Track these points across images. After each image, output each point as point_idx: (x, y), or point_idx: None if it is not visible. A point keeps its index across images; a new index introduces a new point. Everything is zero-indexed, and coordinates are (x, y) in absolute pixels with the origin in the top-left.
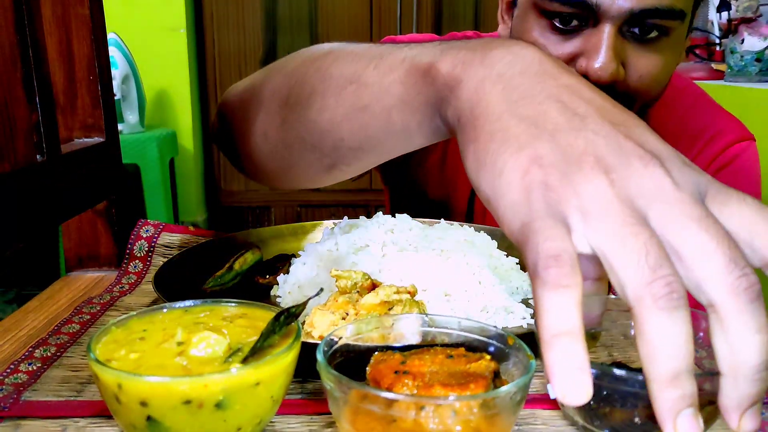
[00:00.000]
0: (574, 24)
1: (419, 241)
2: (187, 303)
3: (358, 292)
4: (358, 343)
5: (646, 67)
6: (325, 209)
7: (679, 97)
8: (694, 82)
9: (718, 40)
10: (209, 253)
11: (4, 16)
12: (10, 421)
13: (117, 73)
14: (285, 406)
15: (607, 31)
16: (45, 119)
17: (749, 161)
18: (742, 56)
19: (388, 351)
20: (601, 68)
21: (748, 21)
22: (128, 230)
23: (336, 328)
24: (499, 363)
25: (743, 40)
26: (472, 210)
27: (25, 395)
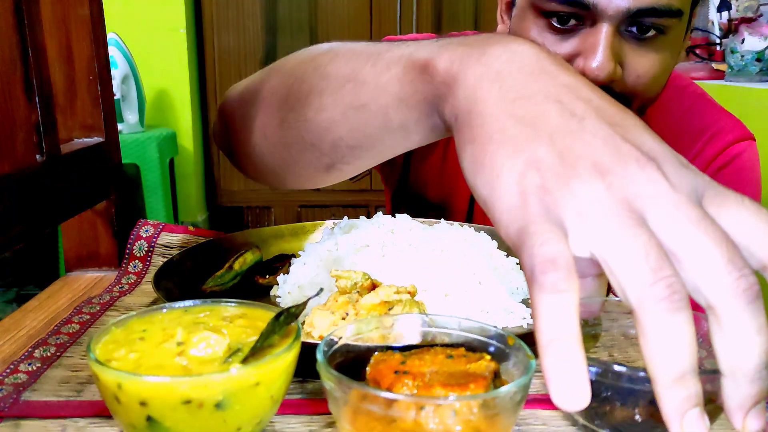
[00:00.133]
0: (571, 24)
1: (419, 242)
2: (186, 303)
3: (358, 292)
4: (358, 343)
5: (644, 67)
6: (325, 209)
7: (679, 97)
8: (695, 82)
9: (719, 40)
10: (209, 253)
11: (4, 17)
12: (10, 421)
13: (117, 73)
14: (285, 406)
15: (605, 30)
16: (45, 119)
17: (749, 161)
18: (743, 56)
19: (388, 351)
20: (599, 68)
21: (748, 21)
22: (128, 230)
23: (336, 328)
24: (500, 363)
25: (744, 40)
26: (473, 210)
27: (25, 395)
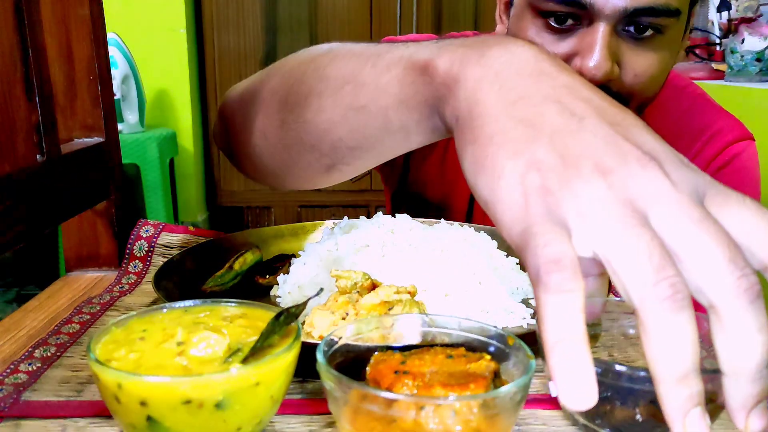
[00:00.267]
0: (569, 23)
1: (419, 242)
2: (187, 303)
3: (358, 292)
4: (358, 343)
5: (642, 66)
6: (325, 209)
7: (679, 97)
8: (694, 82)
9: (719, 40)
10: (209, 253)
11: (4, 17)
12: (10, 421)
13: (117, 73)
14: (285, 406)
15: (602, 30)
16: (45, 119)
17: (749, 161)
18: (743, 56)
19: (388, 351)
20: (596, 67)
21: (748, 21)
22: (128, 230)
23: (336, 328)
24: (500, 363)
25: (743, 40)
26: (472, 210)
27: (25, 395)
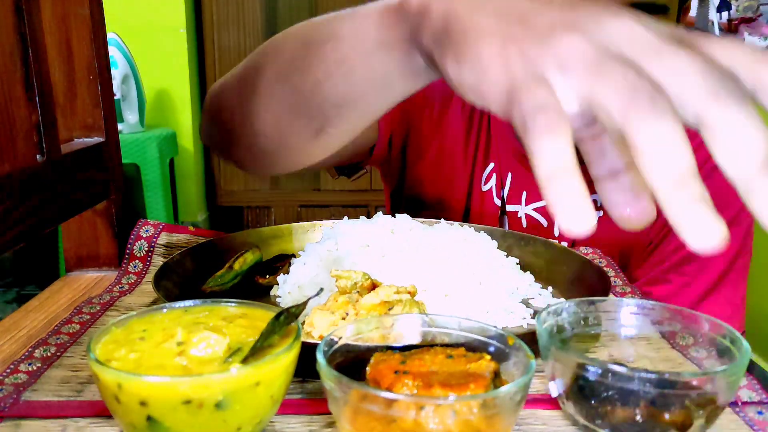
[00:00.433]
0: None
1: (419, 241)
2: (186, 303)
3: (358, 292)
4: (358, 343)
5: None
6: (325, 209)
7: None
8: None
9: None
10: (209, 253)
11: (4, 16)
12: (10, 421)
13: (117, 72)
14: (285, 406)
15: None
16: (45, 119)
17: None
18: None
19: (388, 351)
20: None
21: (748, 21)
22: (128, 230)
23: (336, 328)
24: (500, 363)
25: (744, 40)
26: (469, 211)
27: (25, 395)
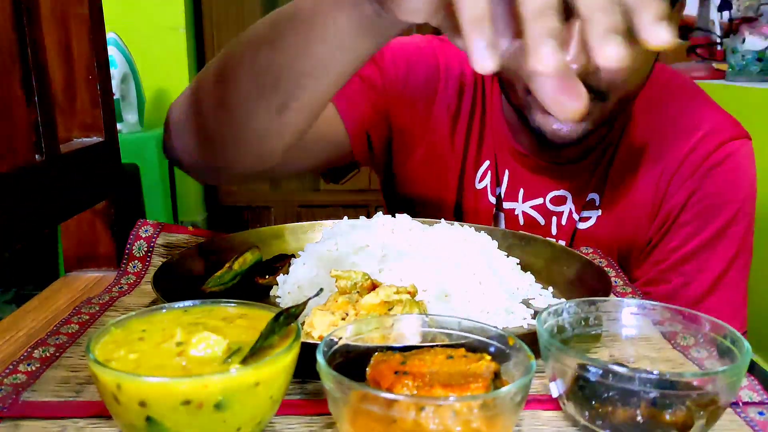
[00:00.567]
0: None
1: (419, 241)
2: (186, 303)
3: (358, 292)
4: (358, 344)
5: None
6: (325, 209)
7: (675, 95)
8: (695, 81)
9: (720, 40)
10: (209, 253)
11: (3, 16)
12: (9, 422)
13: (116, 72)
14: (285, 407)
15: (577, 24)
16: (44, 119)
17: (743, 160)
18: (744, 56)
19: (388, 351)
20: (572, 61)
21: (749, 20)
22: (127, 230)
23: (336, 329)
24: (500, 363)
25: (744, 40)
26: (461, 207)
27: (24, 396)
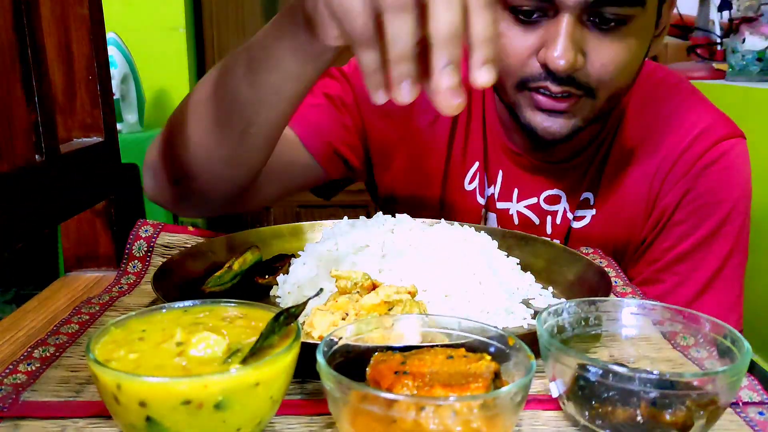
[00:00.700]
0: (536, 16)
1: (419, 242)
2: (186, 303)
3: (358, 292)
4: (358, 344)
5: (608, 56)
6: (325, 209)
7: (670, 94)
8: (694, 81)
9: (720, 40)
10: (209, 253)
11: (3, 16)
12: (9, 422)
13: (116, 72)
14: (285, 407)
15: (565, 20)
16: (44, 119)
17: (737, 159)
18: (744, 56)
19: (388, 351)
20: (559, 57)
21: (749, 20)
22: (127, 230)
23: (336, 329)
24: (500, 363)
25: (744, 40)
26: (443, 208)
27: (24, 395)
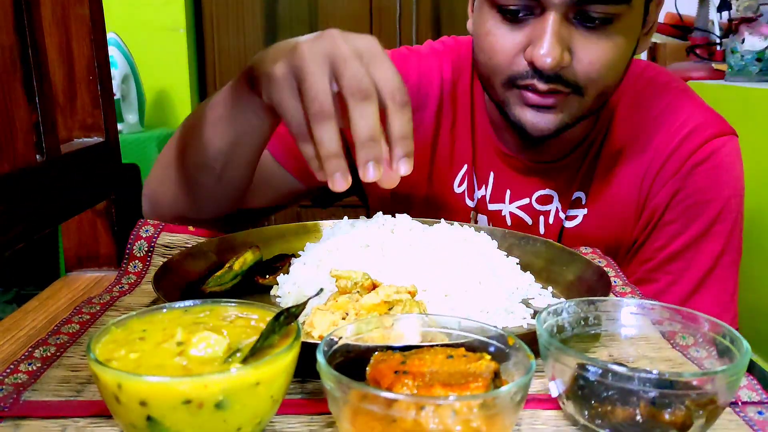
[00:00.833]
0: (522, 15)
1: (419, 242)
2: (186, 303)
3: (358, 292)
4: (358, 343)
5: (595, 54)
6: (325, 209)
7: (660, 93)
8: (690, 81)
9: (719, 40)
10: (209, 253)
11: (4, 17)
12: (10, 421)
13: (117, 72)
14: (285, 406)
15: (551, 19)
16: (45, 119)
17: (728, 157)
18: (743, 56)
19: (388, 351)
20: (545, 54)
21: (748, 20)
22: (128, 230)
23: (336, 328)
24: (500, 363)
25: (744, 40)
26: (436, 213)
27: (25, 395)
